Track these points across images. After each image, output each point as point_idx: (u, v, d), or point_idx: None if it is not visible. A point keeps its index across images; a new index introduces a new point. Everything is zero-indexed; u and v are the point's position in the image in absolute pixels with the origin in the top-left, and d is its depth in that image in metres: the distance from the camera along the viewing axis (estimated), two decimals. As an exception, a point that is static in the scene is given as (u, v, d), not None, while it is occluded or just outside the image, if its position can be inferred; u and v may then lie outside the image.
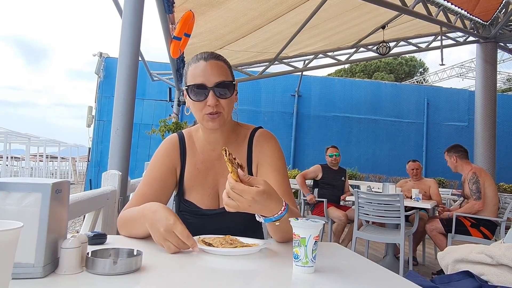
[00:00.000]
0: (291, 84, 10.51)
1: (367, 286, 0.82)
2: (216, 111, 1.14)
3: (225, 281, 0.78)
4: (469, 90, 11.88)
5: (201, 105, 1.15)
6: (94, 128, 10.20)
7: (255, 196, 0.90)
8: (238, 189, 0.90)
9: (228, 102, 1.17)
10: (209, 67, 1.15)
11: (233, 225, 1.21)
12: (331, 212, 4.45)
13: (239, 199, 0.90)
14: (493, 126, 7.15)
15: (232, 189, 0.90)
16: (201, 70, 1.15)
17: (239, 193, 0.90)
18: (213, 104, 1.13)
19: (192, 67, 1.17)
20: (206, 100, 1.14)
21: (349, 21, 6.48)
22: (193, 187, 1.25)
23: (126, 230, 1.11)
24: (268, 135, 1.29)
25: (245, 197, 0.89)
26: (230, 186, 0.90)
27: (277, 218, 0.97)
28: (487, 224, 3.68)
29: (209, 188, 1.25)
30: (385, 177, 9.25)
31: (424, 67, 29.21)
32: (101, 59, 10.05)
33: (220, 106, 1.15)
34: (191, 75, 1.17)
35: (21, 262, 0.67)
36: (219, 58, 1.19)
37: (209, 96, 1.13)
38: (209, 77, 1.14)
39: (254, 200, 0.90)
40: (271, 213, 0.96)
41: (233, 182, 0.90)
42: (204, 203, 1.23)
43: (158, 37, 5.03)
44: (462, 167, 3.96)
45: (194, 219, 1.23)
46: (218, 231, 1.12)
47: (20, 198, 0.70)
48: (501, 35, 7.42)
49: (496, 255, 1.23)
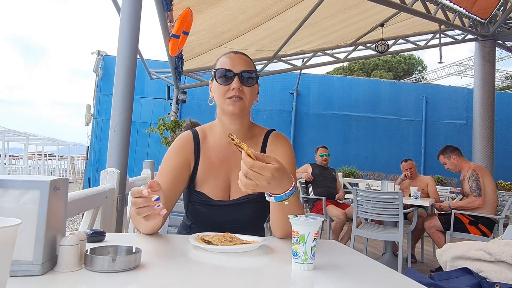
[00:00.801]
0: (289, 82, 10.50)
1: (366, 283, 0.82)
2: (238, 95, 1.22)
3: (224, 278, 0.78)
4: (468, 88, 11.88)
5: (225, 89, 1.23)
6: (92, 127, 10.17)
7: (273, 172, 0.91)
8: (257, 167, 0.90)
9: (250, 91, 1.25)
10: (237, 58, 1.27)
11: (242, 216, 1.24)
12: (330, 211, 4.46)
13: (258, 177, 0.91)
14: (491, 124, 7.16)
15: (251, 168, 0.90)
16: (230, 59, 1.27)
17: (259, 171, 0.90)
18: (236, 87, 1.22)
19: (222, 58, 1.29)
20: (230, 84, 1.22)
21: (347, 19, 6.47)
22: (206, 179, 1.28)
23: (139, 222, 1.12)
24: (284, 138, 1.37)
25: (265, 174, 0.91)
26: (248, 165, 0.90)
27: (288, 195, 0.98)
28: (485, 222, 3.68)
29: (221, 180, 1.28)
30: (384, 175, 9.25)
31: (423, 65, 29.22)
32: (100, 57, 10.01)
33: (242, 92, 1.23)
34: (220, 63, 1.28)
35: (19, 260, 0.67)
36: (247, 56, 1.32)
37: (234, 80, 1.23)
38: (236, 65, 1.25)
39: (273, 176, 0.91)
40: (283, 189, 0.98)
41: (251, 161, 0.91)
42: (215, 194, 1.26)
43: (156, 35, 5.01)
44: (462, 165, 3.95)
45: (205, 209, 1.26)
46: (228, 222, 1.14)
47: (18, 196, 0.70)
48: (500, 33, 7.42)
49: (495, 251, 1.24)
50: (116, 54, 2.11)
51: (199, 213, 1.27)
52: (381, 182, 4.28)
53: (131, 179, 2.45)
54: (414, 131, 10.89)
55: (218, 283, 0.75)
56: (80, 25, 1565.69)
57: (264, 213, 1.32)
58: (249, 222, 1.25)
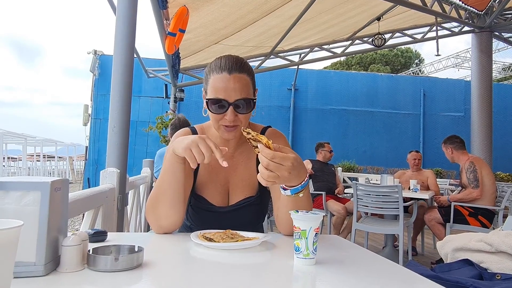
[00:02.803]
0: (287, 78, 10.49)
1: (368, 276, 0.82)
2: (233, 125, 1.15)
3: (227, 275, 0.79)
4: (465, 80, 11.89)
5: (219, 116, 1.15)
6: (90, 127, 10.14)
7: (294, 162, 0.91)
8: (279, 157, 0.90)
9: (246, 117, 1.17)
10: (232, 82, 1.11)
11: (242, 219, 1.24)
12: (330, 206, 4.47)
13: (280, 168, 0.90)
14: (489, 116, 7.17)
15: (272, 159, 0.90)
16: (223, 84, 1.12)
17: (280, 161, 0.90)
18: (231, 119, 1.13)
19: (215, 78, 1.13)
20: (225, 114, 1.13)
21: (344, 13, 6.45)
22: (206, 183, 1.26)
23: (157, 202, 1.11)
24: (277, 134, 1.32)
25: (286, 164, 0.90)
26: (269, 157, 0.90)
27: (303, 185, 0.99)
28: (485, 213, 3.70)
29: (220, 185, 1.26)
30: (383, 169, 9.27)
31: (420, 58, 29.19)
32: (96, 57, 9.96)
33: (238, 120, 1.15)
34: (212, 86, 1.14)
35: (22, 261, 0.67)
36: (243, 70, 1.14)
37: (229, 111, 1.12)
38: (231, 93, 1.11)
39: (293, 166, 0.91)
40: (300, 180, 0.97)
41: (271, 152, 0.90)
42: (215, 200, 1.25)
43: (152, 33, 5.00)
44: (458, 157, 3.98)
45: (205, 214, 1.25)
46: (228, 226, 1.13)
47: (19, 197, 0.70)
48: (496, 25, 7.41)
49: (495, 242, 1.24)
50: (112, 53, 2.10)
51: (199, 217, 1.28)
52: (380, 176, 4.29)
53: (131, 179, 2.45)
54: (412, 125, 10.90)
55: (221, 280, 0.75)
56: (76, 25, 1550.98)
57: (262, 213, 1.32)
58: (249, 224, 1.25)
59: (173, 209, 1.11)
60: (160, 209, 1.11)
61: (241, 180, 1.26)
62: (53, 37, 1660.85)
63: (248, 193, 1.26)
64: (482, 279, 1.15)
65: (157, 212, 1.12)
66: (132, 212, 2.70)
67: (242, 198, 1.25)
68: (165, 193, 1.10)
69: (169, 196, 1.10)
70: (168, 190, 1.10)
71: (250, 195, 1.25)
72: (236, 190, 1.27)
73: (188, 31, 4.57)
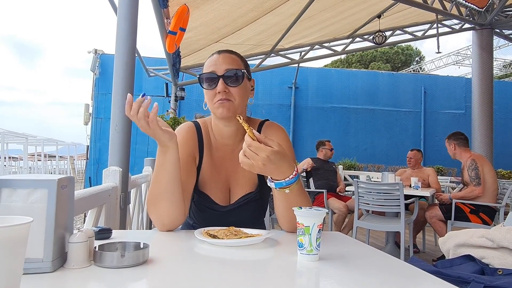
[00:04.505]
0: (288, 76, 10.49)
1: (371, 271, 0.83)
2: (225, 98, 1.17)
3: (231, 272, 0.79)
4: (466, 78, 11.89)
5: (212, 93, 1.19)
6: (91, 126, 10.15)
7: (269, 155, 0.92)
8: (254, 147, 0.92)
9: (238, 91, 1.19)
10: (221, 58, 1.21)
11: (244, 216, 1.25)
12: (332, 203, 4.48)
13: (254, 157, 0.92)
14: (490, 113, 7.16)
15: (249, 147, 0.92)
16: (213, 60, 1.21)
17: (255, 151, 0.92)
18: (221, 90, 1.16)
19: (207, 60, 1.23)
20: (216, 88, 1.17)
21: (344, 11, 6.45)
22: (208, 180, 1.27)
23: (155, 198, 1.10)
24: (275, 126, 1.33)
25: (260, 155, 0.92)
26: (246, 144, 0.93)
27: (288, 183, 0.99)
28: (486, 210, 3.71)
29: (221, 183, 1.27)
30: (384, 167, 9.27)
31: (421, 55, 29.15)
32: (96, 56, 9.97)
33: (230, 94, 1.18)
34: (205, 66, 1.23)
35: (30, 257, 0.68)
36: (232, 52, 1.25)
37: (219, 83, 1.17)
38: (220, 66, 1.19)
39: (268, 158, 0.92)
40: (283, 176, 0.98)
41: (249, 140, 0.93)
42: (218, 197, 1.26)
43: (153, 32, 5.00)
44: (460, 154, 3.98)
45: (208, 212, 1.26)
46: (230, 223, 1.14)
47: (26, 195, 0.71)
48: (497, 22, 7.40)
49: (497, 238, 1.25)
50: (113, 52, 2.11)
51: (202, 215, 1.28)
52: (381, 173, 4.30)
53: (133, 177, 2.46)
54: (413, 122, 10.90)
55: (225, 276, 0.76)
56: (76, 24, 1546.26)
57: (263, 208, 1.33)
58: (250, 221, 1.26)
59: (173, 204, 1.10)
60: (160, 205, 1.10)
61: (242, 176, 1.27)
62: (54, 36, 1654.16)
63: (248, 189, 1.27)
64: (484, 275, 1.16)
65: (157, 209, 1.11)
66: (134, 210, 2.71)
67: (243, 194, 1.26)
68: (159, 187, 1.09)
69: (163, 190, 1.09)
70: (161, 184, 1.09)
71: (250, 191, 1.26)
72: (236, 187, 1.28)
73: (189, 29, 4.58)
